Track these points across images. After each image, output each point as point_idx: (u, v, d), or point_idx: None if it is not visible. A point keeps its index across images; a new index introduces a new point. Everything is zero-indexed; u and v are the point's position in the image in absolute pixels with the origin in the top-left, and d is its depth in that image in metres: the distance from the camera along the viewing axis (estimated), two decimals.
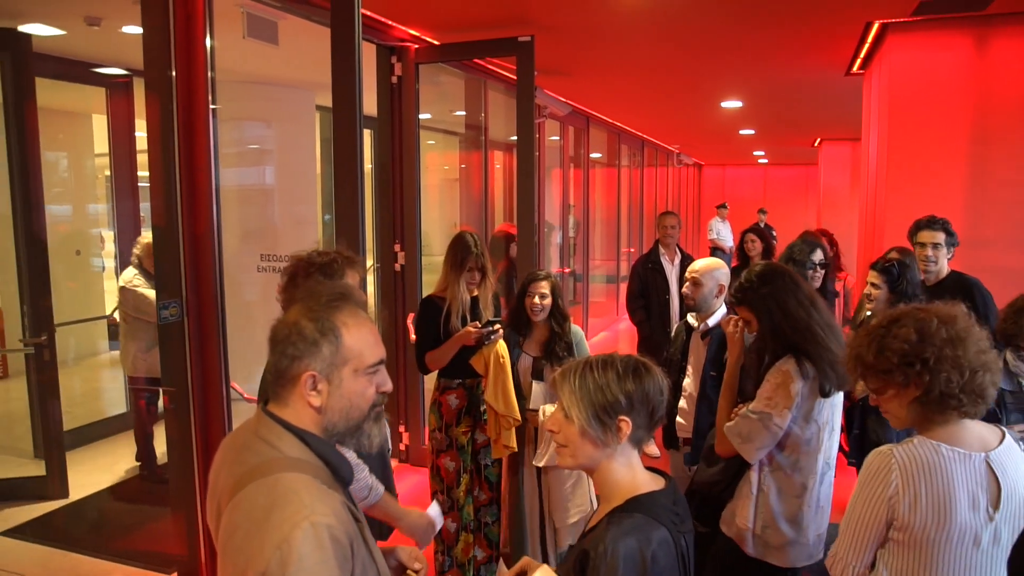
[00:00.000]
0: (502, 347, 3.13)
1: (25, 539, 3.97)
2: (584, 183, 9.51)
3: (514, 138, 4.76)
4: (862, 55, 5.52)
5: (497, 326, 3.13)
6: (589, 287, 9.90)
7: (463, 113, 6.77)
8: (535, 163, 4.55)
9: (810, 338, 2.28)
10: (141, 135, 5.42)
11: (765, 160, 17.82)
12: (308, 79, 5.90)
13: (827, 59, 5.81)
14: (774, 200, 17.23)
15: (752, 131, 11.51)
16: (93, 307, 6.56)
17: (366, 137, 5.08)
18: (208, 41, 3.24)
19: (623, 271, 10.90)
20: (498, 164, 7.54)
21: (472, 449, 3.34)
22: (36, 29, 4.44)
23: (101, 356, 6.87)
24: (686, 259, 5.15)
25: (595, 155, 10.50)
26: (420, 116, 4.97)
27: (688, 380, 3.17)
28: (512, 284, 5.44)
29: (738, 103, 8.32)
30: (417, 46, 4.86)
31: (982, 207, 4.51)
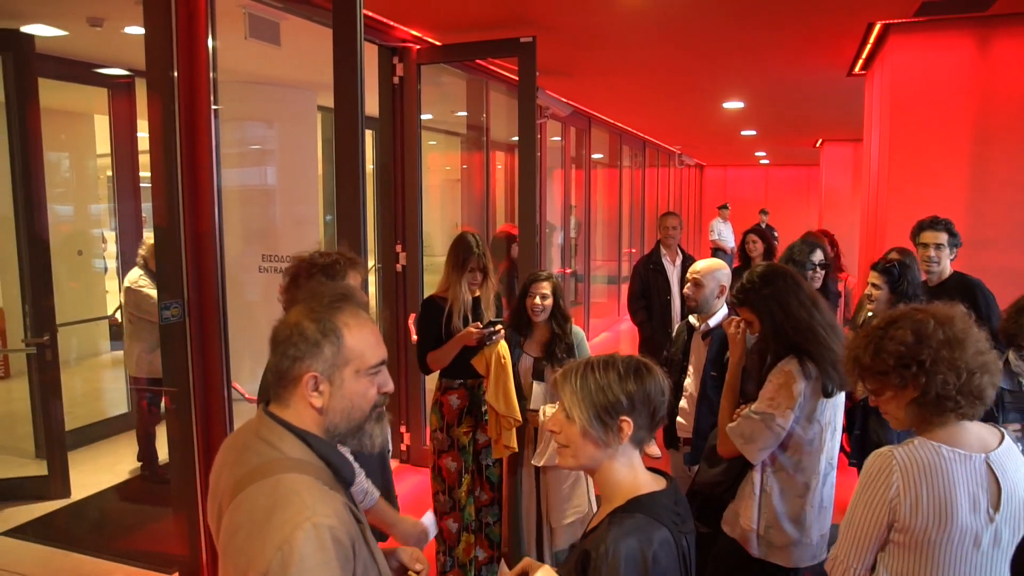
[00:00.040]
0: (503, 347, 3.13)
1: (27, 539, 3.98)
2: (586, 184, 9.51)
3: (516, 139, 4.76)
4: (864, 56, 5.52)
5: (499, 327, 3.13)
6: (590, 288, 9.90)
7: (465, 114, 6.78)
8: (537, 164, 4.54)
9: (812, 338, 2.28)
10: (143, 135, 5.41)
11: (767, 161, 17.81)
12: (310, 79, 5.91)
13: (829, 60, 5.80)
14: (776, 201, 17.22)
15: (754, 132, 11.51)
16: (95, 307, 6.57)
17: (368, 137, 5.06)
18: (210, 42, 3.24)
19: (624, 272, 10.90)
20: (500, 165, 7.54)
21: (473, 449, 3.34)
22: (38, 30, 4.45)
23: (103, 356, 6.88)
24: (687, 260, 5.15)
25: (597, 156, 10.50)
26: (422, 117, 4.96)
27: (689, 380, 3.17)
28: (513, 285, 5.44)
29: (740, 104, 8.32)
30: (419, 47, 4.86)
31: (984, 208, 4.50)
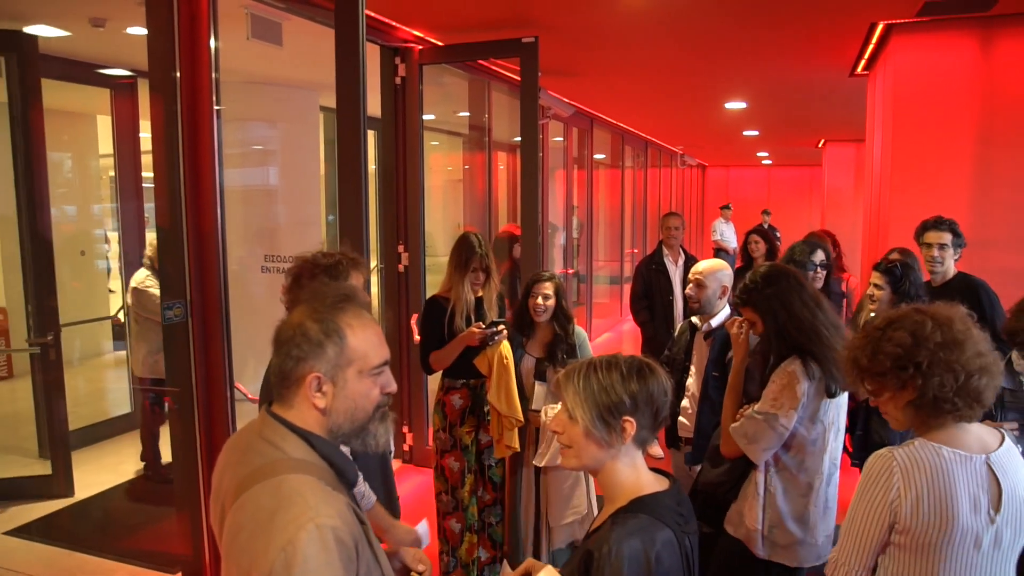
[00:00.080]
0: (506, 348, 3.12)
1: (30, 538, 3.98)
2: (588, 184, 9.50)
3: (518, 139, 4.75)
4: (866, 56, 5.51)
5: (501, 327, 3.13)
6: (593, 288, 9.89)
7: (467, 114, 6.78)
8: (539, 164, 4.54)
9: (815, 339, 2.28)
10: (145, 136, 5.43)
11: (769, 161, 17.78)
12: (312, 80, 5.91)
13: (831, 60, 5.80)
14: (778, 201, 17.19)
15: (756, 132, 11.49)
16: (98, 307, 6.58)
17: (370, 138, 5.08)
18: (212, 42, 3.24)
19: (627, 272, 10.89)
20: (502, 165, 7.54)
21: (476, 449, 3.34)
22: (41, 30, 4.46)
23: (106, 356, 6.88)
24: (690, 260, 5.14)
25: (599, 156, 10.49)
26: (424, 117, 4.97)
27: (691, 380, 3.17)
28: (516, 285, 5.44)
29: (742, 104, 8.31)
30: (421, 47, 4.86)
31: (987, 208, 4.49)
